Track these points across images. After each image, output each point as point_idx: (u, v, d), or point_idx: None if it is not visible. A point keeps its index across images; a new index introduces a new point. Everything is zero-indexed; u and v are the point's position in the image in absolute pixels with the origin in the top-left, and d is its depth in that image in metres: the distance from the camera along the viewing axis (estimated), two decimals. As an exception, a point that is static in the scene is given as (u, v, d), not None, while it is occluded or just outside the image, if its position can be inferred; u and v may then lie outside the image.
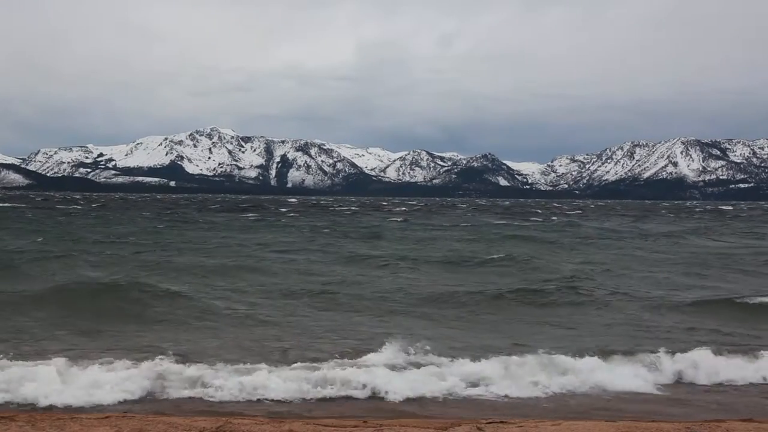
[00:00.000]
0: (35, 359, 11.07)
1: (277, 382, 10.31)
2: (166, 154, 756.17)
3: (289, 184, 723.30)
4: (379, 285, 21.41)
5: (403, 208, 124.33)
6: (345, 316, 16.33)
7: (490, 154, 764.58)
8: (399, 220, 73.47)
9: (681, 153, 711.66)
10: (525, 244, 38.61)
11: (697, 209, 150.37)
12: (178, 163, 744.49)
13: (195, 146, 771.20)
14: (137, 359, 11.14)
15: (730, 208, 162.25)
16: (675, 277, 24.75)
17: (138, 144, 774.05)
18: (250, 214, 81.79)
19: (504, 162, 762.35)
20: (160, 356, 11.27)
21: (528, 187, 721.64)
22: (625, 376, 11.26)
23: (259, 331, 14.57)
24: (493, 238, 44.44)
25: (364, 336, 13.91)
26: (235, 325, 15.05)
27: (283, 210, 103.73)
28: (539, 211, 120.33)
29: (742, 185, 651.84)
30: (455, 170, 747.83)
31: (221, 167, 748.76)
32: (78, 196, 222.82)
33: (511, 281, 22.68)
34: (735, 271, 26.96)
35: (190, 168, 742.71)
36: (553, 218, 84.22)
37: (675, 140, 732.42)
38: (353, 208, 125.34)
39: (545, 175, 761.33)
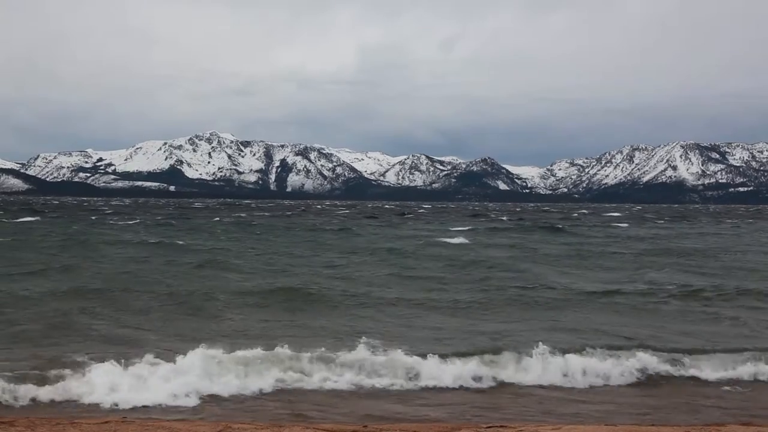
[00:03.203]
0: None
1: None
2: (166, 159, 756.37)
3: (289, 189, 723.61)
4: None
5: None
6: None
7: (489, 158, 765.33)
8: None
9: (680, 157, 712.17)
10: None
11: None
12: (178, 167, 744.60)
13: (194, 151, 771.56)
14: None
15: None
16: None
17: (137, 149, 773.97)
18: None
19: (503, 166, 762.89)
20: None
21: (527, 191, 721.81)
22: None
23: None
24: None
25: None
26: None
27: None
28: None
29: (741, 189, 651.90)
30: (455, 174, 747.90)
31: (221, 172, 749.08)
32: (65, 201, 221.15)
33: None
34: None
35: (190, 173, 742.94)
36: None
37: (674, 144, 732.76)
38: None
39: (545, 179, 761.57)
